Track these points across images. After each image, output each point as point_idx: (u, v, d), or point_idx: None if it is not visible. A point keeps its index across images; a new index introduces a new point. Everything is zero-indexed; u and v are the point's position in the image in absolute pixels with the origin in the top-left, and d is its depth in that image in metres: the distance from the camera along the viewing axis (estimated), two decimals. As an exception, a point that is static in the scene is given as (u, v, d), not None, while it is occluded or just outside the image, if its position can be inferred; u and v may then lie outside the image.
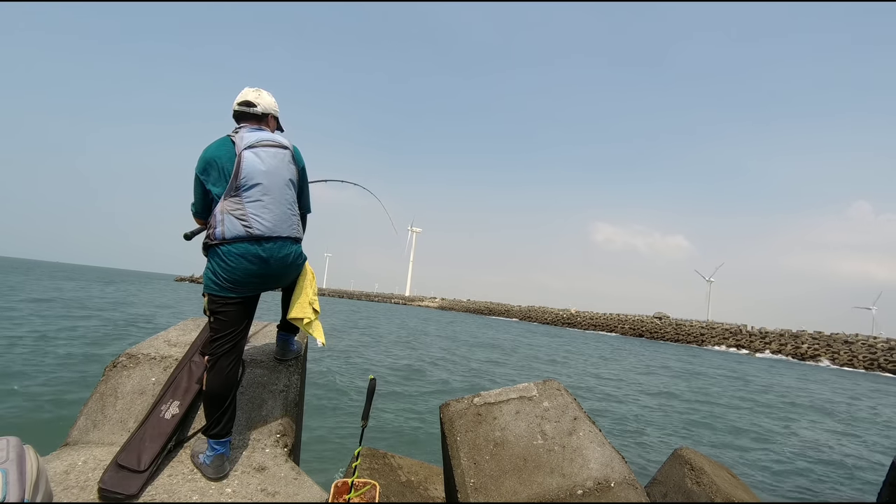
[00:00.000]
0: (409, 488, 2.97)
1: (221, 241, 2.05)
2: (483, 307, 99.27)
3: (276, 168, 2.16)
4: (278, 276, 2.20)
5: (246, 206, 2.06)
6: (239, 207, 2.05)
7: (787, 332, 53.89)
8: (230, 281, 2.07)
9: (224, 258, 2.05)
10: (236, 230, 2.04)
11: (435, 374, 12.10)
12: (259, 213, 2.08)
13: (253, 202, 2.08)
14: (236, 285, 2.09)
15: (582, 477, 2.06)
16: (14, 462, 1.27)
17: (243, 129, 2.18)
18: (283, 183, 2.18)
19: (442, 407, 2.42)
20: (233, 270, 2.06)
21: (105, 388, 2.34)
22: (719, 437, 8.69)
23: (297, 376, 2.58)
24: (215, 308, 2.11)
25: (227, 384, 2.08)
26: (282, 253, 2.16)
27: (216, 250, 2.07)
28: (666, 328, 62.16)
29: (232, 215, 2.05)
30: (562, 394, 2.42)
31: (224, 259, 2.05)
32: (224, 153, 2.11)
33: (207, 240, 2.10)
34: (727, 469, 3.11)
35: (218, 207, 2.06)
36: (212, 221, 2.08)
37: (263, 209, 2.09)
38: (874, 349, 43.77)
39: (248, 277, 2.09)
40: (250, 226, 2.06)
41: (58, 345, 10.22)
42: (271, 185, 2.13)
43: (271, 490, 1.96)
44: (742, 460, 7.26)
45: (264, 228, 2.08)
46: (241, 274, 2.07)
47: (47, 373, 7.66)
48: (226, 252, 2.05)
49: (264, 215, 2.09)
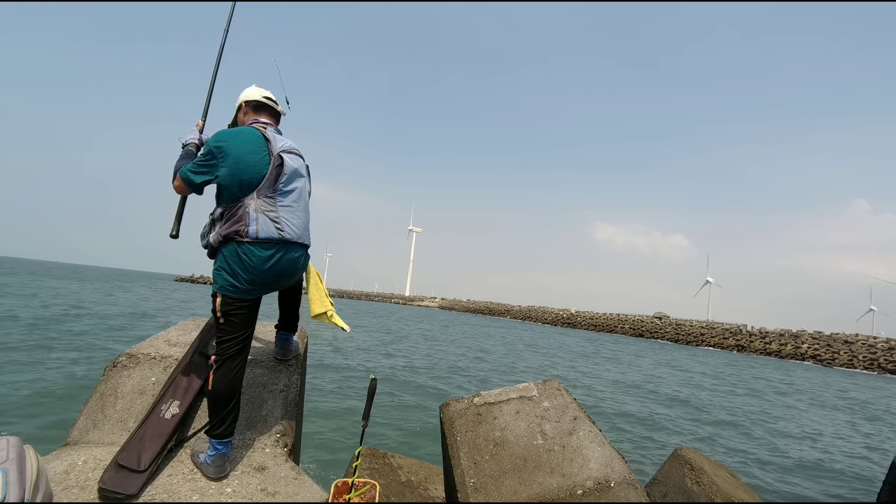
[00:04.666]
0: (409, 488, 2.97)
1: (254, 240, 2.00)
2: (483, 307, 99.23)
3: (306, 179, 2.24)
4: (290, 279, 2.22)
5: (280, 210, 2.06)
6: (273, 209, 2.04)
7: (787, 331, 53.83)
8: (250, 282, 2.03)
9: (249, 258, 2.00)
10: (270, 231, 2.02)
11: (435, 375, 12.10)
12: (290, 218, 2.09)
13: (286, 207, 2.09)
14: (255, 286, 2.06)
15: (582, 477, 2.06)
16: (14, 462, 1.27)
17: (270, 128, 2.20)
18: (308, 192, 2.25)
19: (442, 407, 2.42)
20: (257, 271, 2.02)
21: (105, 388, 2.34)
22: (719, 437, 8.69)
23: (297, 376, 2.58)
24: (229, 310, 2.05)
25: (234, 386, 2.07)
26: (302, 260, 2.21)
27: (241, 249, 1.99)
28: (666, 328, 62.11)
29: (266, 216, 2.02)
30: (562, 394, 2.42)
31: (249, 259, 2.00)
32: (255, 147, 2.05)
33: (237, 236, 1.99)
34: (727, 469, 3.11)
35: (252, 205, 2.01)
36: (242, 217, 2.00)
37: (293, 215, 2.11)
38: (874, 349, 43.75)
39: (268, 278, 2.07)
40: (283, 229, 2.06)
41: (58, 345, 10.22)
42: (302, 193, 2.18)
43: (271, 490, 1.96)
44: (742, 460, 7.25)
45: (294, 234, 2.10)
46: (264, 275, 2.04)
47: (47, 373, 7.66)
48: (252, 252, 2.00)
49: (294, 221, 2.11)
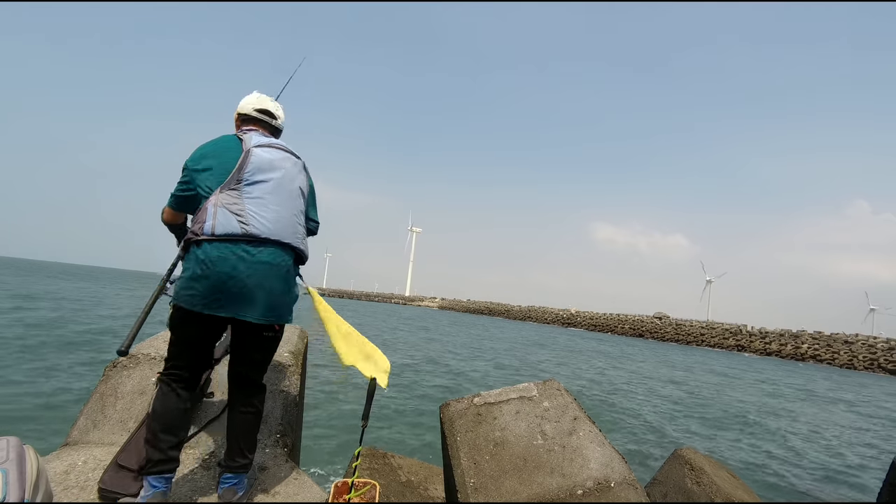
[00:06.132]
0: (409, 488, 2.97)
1: (210, 236, 1.71)
2: (483, 307, 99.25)
3: (287, 171, 1.91)
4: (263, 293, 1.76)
5: (245, 202, 1.77)
6: (237, 202, 1.76)
7: (787, 331, 53.81)
8: (208, 290, 1.69)
9: (207, 259, 1.70)
10: (230, 226, 1.72)
11: (434, 375, 12.09)
12: (260, 211, 1.78)
13: (254, 199, 1.79)
14: (214, 297, 1.70)
15: (582, 477, 2.05)
16: (14, 462, 1.27)
17: (252, 132, 1.97)
18: (293, 189, 1.91)
19: (442, 407, 2.42)
20: (214, 276, 1.69)
21: (105, 388, 2.34)
22: (719, 438, 8.69)
23: (297, 376, 2.58)
24: (179, 324, 1.77)
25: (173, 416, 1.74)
26: (276, 261, 1.80)
27: (199, 250, 1.72)
28: (666, 328, 62.11)
29: (227, 209, 1.74)
30: (562, 394, 2.42)
31: (205, 260, 1.70)
32: (229, 147, 1.88)
33: (194, 236, 1.74)
34: (727, 469, 3.11)
35: (210, 200, 1.76)
36: (200, 215, 1.76)
37: (264, 208, 1.79)
38: (874, 349, 43.74)
39: (233, 286, 1.70)
40: (247, 222, 1.74)
41: (58, 344, 10.22)
42: (279, 187, 1.86)
43: (271, 490, 1.96)
44: (742, 460, 7.25)
45: (263, 228, 1.76)
46: (224, 281, 1.69)
47: (47, 372, 7.66)
48: (208, 252, 1.70)
49: (267, 215, 1.79)
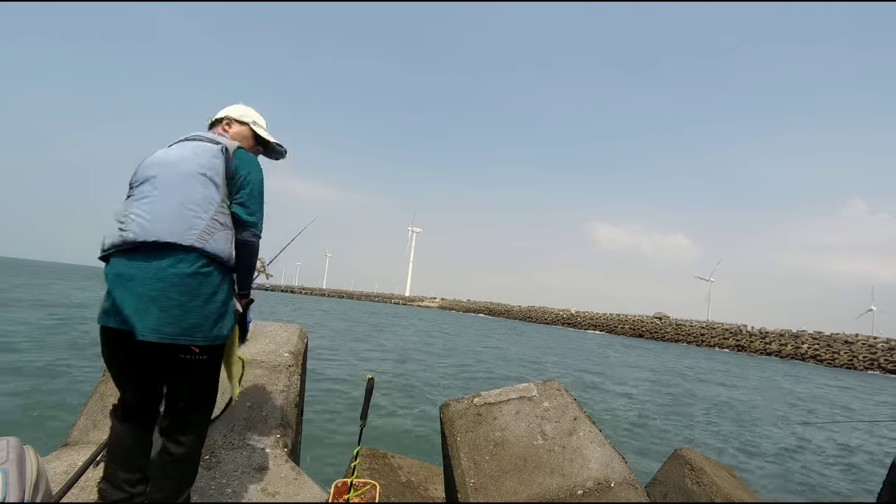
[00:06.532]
0: (409, 488, 2.97)
1: (102, 257, 1.55)
2: (483, 307, 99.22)
3: (181, 158, 1.63)
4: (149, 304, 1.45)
5: (131, 206, 1.56)
6: (123, 213, 1.57)
7: (787, 331, 53.81)
8: (111, 306, 1.49)
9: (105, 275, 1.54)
10: (112, 236, 1.52)
11: (435, 374, 12.09)
12: (141, 211, 1.53)
13: (139, 199, 1.56)
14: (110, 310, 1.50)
15: (582, 477, 2.05)
16: (14, 462, 1.27)
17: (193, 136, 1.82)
18: (186, 174, 1.59)
19: (442, 407, 2.42)
20: (112, 293, 1.49)
21: (105, 389, 2.34)
22: (720, 438, 8.69)
23: (297, 376, 2.58)
24: (102, 344, 1.57)
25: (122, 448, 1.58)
26: (168, 266, 1.48)
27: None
28: (666, 328, 62.11)
29: (116, 220, 1.56)
30: (562, 394, 2.42)
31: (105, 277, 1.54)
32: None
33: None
34: (727, 469, 3.11)
35: None
36: None
37: (149, 205, 1.54)
38: (874, 349, 43.76)
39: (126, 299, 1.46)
40: (126, 228, 1.51)
41: (57, 344, 10.22)
42: (166, 176, 1.59)
43: (271, 490, 1.97)
44: (742, 460, 7.25)
45: (140, 230, 1.49)
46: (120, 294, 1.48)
47: (47, 372, 7.66)
48: (106, 268, 1.54)
49: (150, 209, 1.53)
